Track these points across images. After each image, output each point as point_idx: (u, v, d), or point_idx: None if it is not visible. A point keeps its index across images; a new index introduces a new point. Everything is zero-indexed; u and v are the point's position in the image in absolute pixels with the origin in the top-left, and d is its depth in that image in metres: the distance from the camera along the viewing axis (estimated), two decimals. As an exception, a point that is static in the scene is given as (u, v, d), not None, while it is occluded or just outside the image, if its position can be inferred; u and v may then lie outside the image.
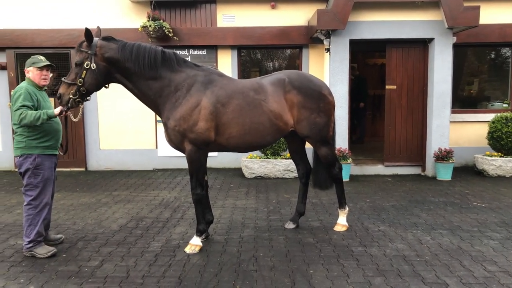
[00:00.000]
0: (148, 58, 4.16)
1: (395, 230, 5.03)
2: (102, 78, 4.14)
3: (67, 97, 4.07)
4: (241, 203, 6.24)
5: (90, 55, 4.05)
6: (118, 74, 4.20)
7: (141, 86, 4.23)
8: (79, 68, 4.08)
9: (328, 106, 4.70)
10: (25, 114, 4.03)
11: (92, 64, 4.05)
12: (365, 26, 7.92)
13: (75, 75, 4.08)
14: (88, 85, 4.10)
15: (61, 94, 4.08)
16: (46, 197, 4.29)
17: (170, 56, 4.30)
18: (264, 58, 9.50)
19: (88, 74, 4.06)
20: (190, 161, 4.31)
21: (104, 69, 4.12)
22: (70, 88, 4.07)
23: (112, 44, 4.16)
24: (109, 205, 6.21)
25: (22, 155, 4.20)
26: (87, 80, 4.07)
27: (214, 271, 3.89)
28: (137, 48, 4.18)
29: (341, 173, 4.98)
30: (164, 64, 4.25)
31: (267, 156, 8.25)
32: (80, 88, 4.07)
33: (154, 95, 4.26)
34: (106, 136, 9.16)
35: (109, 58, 4.11)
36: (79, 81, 4.05)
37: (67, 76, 4.13)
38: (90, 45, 4.07)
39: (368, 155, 9.61)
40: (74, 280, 3.71)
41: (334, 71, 7.99)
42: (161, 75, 4.22)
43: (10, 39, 8.75)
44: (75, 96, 4.07)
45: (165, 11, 8.82)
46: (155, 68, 4.19)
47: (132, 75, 4.19)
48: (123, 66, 4.15)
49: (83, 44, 4.10)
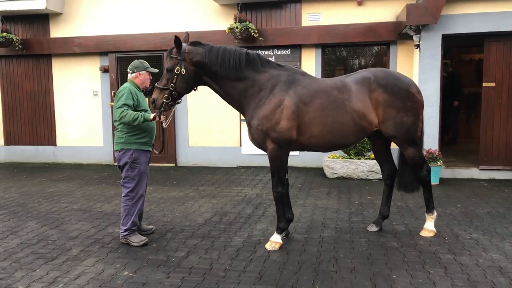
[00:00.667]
0: (233, 61, 4.30)
1: (490, 239, 4.66)
2: (191, 82, 4.36)
3: (160, 101, 4.32)
4: (322, 203, 6.20)
5: (180, 61, 4.27)
6: (206, 77, 4.39)
7: (227, 87, 4.39)
8: (170, 74, 4.31)
9: (416, 105, 4.49)
10: (126, 113, 4.40)
11: (182, 70, 4.27)
12: (460, 20, 7.40)
13: (167, 81, 4.32)
14: (180, 89, 4.33)
15: (155, 99, 4.34)
16: (141, 189, 4.65)
17: (254, 57, 4.40)
18: (350, 56, 9.30)
19: (179, 79, 4.29)
20: (272, 159, 4.38)
21: (193, 73, 4.33)
22: (163, 93, 4.32)
23: (200, 49, 4.35)
24: (195, 199, 6.53)
25: (122, 150, 4.59)
26: (178, 84, 4.30)
27: (293, 269, 3.93)
28: (222, 51, 4.33)
29: (429, 175, 4.73)
30: (248, 65, 4.36)
31: (350, 156, 8.08)
32: (172, 92, 4.30)
33: (239, 95, 4.39)
34: (194, 134, 9.62)
35: (197, 62, 4.31)
36: (171, 86, 4.29)
37: (159, 81, 4.39)
38: (179, 51, 4.28)
39: (461, 158, 8.98)
40: (163, 269, 3.97)
41: (424, 68, 7.59)
42: (246, 76, 4.33)
43: (112, 44, 9.55)
44: (168, 100, 4.32)
45: (251, 12, 9.03)
46: (239, 70, 4.31)
47: (218, 77, 4.36)
48: (210, 69, 4.33)
49: (173, 51, 4.33)
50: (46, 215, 5.77)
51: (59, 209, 6.05)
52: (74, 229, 5.17)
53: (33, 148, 10.33)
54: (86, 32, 9.70)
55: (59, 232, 5.06)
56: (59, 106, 10.13)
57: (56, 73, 10.06)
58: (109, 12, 9.65)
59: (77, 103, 9.98)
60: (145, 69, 4.68)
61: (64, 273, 3.91)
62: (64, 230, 5.13)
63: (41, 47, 9.80)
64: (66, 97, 10.06)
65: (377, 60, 9.06)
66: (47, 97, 10.16)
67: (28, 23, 10.01)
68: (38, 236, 4.92)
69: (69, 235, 4.93)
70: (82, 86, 9.91)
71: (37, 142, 10.34)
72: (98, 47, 9.57)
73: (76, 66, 9.93)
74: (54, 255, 4.33)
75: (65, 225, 5.33)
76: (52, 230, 5.13)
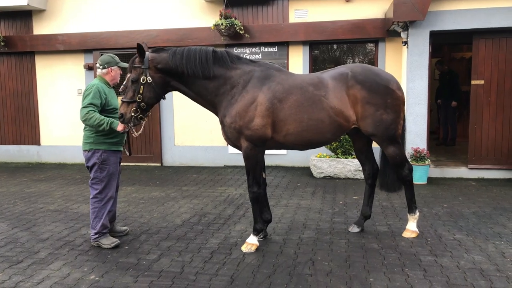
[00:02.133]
0: (199, 59, 4.12)
1: (473, 240, 4.52)
2: (159, 90, 4.16)
3: (129, 116, 4.10)
4: (306, 203, 6.05)
5: (144, 69, 4.07)
6: (174, 81, 4.21)
7: (197, 88, 4.22)
8: (136, 85, 4.10)
9: (396, 101, 4.34)
10: (91, 116, 4.19)
11: (148, 78, 4.06)
12: (448, 16, 7.26)
13: (133, 93, 4.11)
14: (148, 99, 4.12)
15: (123, 114, 4.11)
16: (110, 191, 4.46)
17: (222, 54, 4.23)
18: (338, 54, 9.15)
19: (145, 89, 4.08)
20: (246, 158, 4.23)
21: (160, 80, 4.13)
22: (130, 106, 4.10)
23: (163, 54, 4.16)
24: (176, 200, 6.36)
25: (90, 150, 4.40)
26: (146, 94, 4.09)
27: (267, 272, 3.77)
28: (187, 51, 4.16)
29: (411, 175, 4.58)
30: (217, 63, 4.18)
31: (337, 155, 7.94)
32: (140, 104, 4.09)
33: (211, 95, 4.22)
34: (181, 133, 9.45)
35: (163, 68, 4.12)
36: (138, 97, 4.07)
37: (125, 95, 4.16)
38: (143, 59, 4.09)
39: (451, 157, 8.86)
40: (131, 272, 3.81)
41: (412, 65, 7.45)
42: (216, 74, 4.17)
43: (96, 42, 9.36)
44: (136, 113, 4.10)
45: (237, 8, 8.87)
46: (207, 68, 4.14)
47: (187, 79, 4.18)
48: (177, 72, 4.15)
49: (135, 60, 4.13)
50: (19, 216, 5.59)
51: (34, 210, 5.87)
52: (46, 230, 5.00)
53: (17, 147, 10.14)
54: (70, 29, 9.51)
55: (29, 234, 4.88)
56: (43, 105, 9.93)
57: (40, 71, 9.86)
58: (93, 8, 9.46)
59: (61, 102, 9.79)
60: (117, 64, 4.49)
61: (27, 278, 3.74)
62: (35, 232, 4.96)
63: (23, 44, 9.60)
64: (50, 96, 9.87)
65: (366, 58, 8.92)
66: (30, 96, 9.97)
67: (10, 19, 9.80)
68: (6, 238, 4.75)
69: (40, 237, 4.76)
70: (66, 84, 9.72)
71: (20, 142, 10.14)
72: (82, 45, 9.39)
73: (60, 63, 9.74)
74: (20, 259, 4.16)
75: (37, 226, 5.15)
76: (22, 232, 4.96)
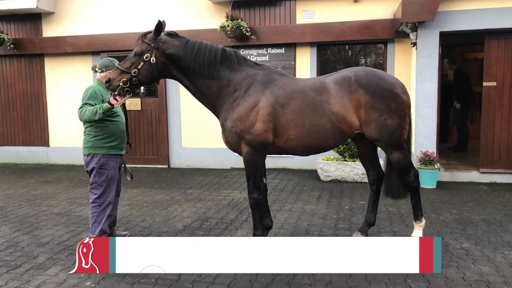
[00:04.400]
0: (208, 56, 4.04)
1: (481, 249, 4.37)
2: (157, 73, 4.04)
3: (116, 83, 3.92)
4: (310, 208, 5.94)
5: (152, 48, 3.98)
6: (177, 71, 4.11)
7: (200, 85, 4.13)
8: (137, 58, 3.98)
9: (401, 106, 4.20)
10: (84, 110, 4.15)
11: (152, 58, 3.96)
12: (459, 16, 7.08)
13: (131, 64, 3.98)
14: (142, 77, 3.98)
15: (111, 79, 3.93)
16: (109, 196, 4.41)
17: (231, 54, 4.16)
18: (346, 55, 9.02)
19: (144, 66, 3.96)
20: (247, 163, 4.14)
21: (162, 65, 4.03)
22: (121, 75, 3.95)
23: (176, 41, 4.08)
24: (180, 203, 6.31)
25: (89, 155, 4.38)
26: (142, 72, 3.97)
27: (265, 282, 3.69)
28: (198, 45, 4.08)
29: (417, 181, 4.44)
30: (224, 62, 4.10)
31: (344, 159, 7.81)
32: (132, 78, 3.95)
33: (213, 95, 4.14)
34: (188, 135, 9.41)
35: (170, 54, 4.03)
36: (134, 71, 3.94)
37: (122, 62, 4.04)
38: (156, 38, 4.00)
39: (462, 160, 8.65)
40: (128, 279, 3.76)
41: (421, 67, 7.28)
42: (220, 74, 4.09)
43: (104, 43, 9.38)
44: (125, 85, 3.94)
45: (244, 10, 8.79)
46: (213, 66, 4.06)
47: (191, 73, 4.09)
48: (183, 64, 4.05)
49: (147, 36, 4.03)
50: (22, 219, 5.60)
51: (38, 213, 5.88)
52: (47, 234, 4.99)
53: (26, 149, 10.22)
54: (78, 31, 9.55)
55: (30, 238, 4.88)
56: (52, 106, 9.99)
57: (49, 72, 9.93)
58: (101, 10, 9.48)
59: (69, 103, 9.82)
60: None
61: (24, 283, 3.72)
62: (36, 235, 4.95)
63: (33, 46, 9.67)
64: (58, 97, 9.93)
65: (375, 59, 8.77)
66: (39, 97, 10.04)
67: (20, 22, 9.89)
68: (7, 242, 4.75)
69: (40, 241, 4.75)
70: (75, 86, 9.75)
71: (30, 143, 10.22)
72: (90, 47, 9.42)
73: (68, 65, 9.79)
74: (18, 263, 4.15)
75: (39, 230, 5.15)
76: (24, 235, 4.95)
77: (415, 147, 7.42)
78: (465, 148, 9.79)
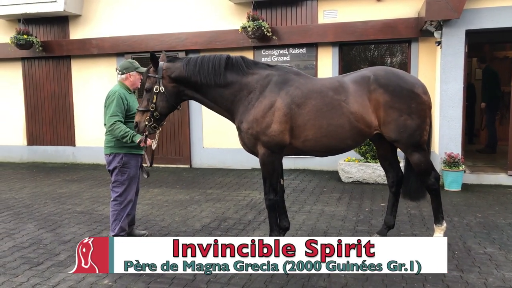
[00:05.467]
0: (212, 67, 4.07)
1: (505, 254, 4.22)
2: (172, 99, 4.13)
3: (143, 124, 4.11)
4: (330, 210, 5.88)
5: (158, 79, 4.07)
6: (188, 90, 4.17)
7: (212, 95, 4.16)
8: (149, 94, 4.10)
9: (421, 106, 4.11)
10: (117, 127, 4.27)
11: (161, 88, 4.06)
12: (485, 14, 6.87)
13: (147, 102, 4.11)
14: (161, 108, 4.10)
15: (137, 122, 4.12)
16: (130, 194, 4.50)
17: (237, 60, 4.15)
18: (368, 54, 8.88)
19: (159, 98, 4.07)
20: (263, 164, 4.14)
21: (173, 90, 4.11)
22: (144, 115, 4.11)
23: (177, 63, 4.15)
24: (199, 203, 6.36)
25: (111, 154, 4.46)
26: (159, 104, 4.08)
27: (280, 283, 3.67)
28: (200, 60, 4.13)
29: (437, 183, 4.33)
30: (231, 69, 4.11)
31: (366, 160, 7.69)
32: (154, 114, 4.09)
33: (227, 102, 4.16)
34: (209, 135, 9.47)
35: (176, 78, 4.10)
36: (152, 106, 4.07)
37: (140, 104, 4.20)
38: (157, 69, 4.09)
39: (490, 162, 8.39)
40: (144, 278, 3.81)
41: (446, 66, 7.10)
42: (229, 81, 4.09)
43: (128, 45, 9.55)
44: (150, 122, 4.10)
45: (265, 10, 8.78)
46: (219, 74, 4.07)
47: (201, 87, 4.13)
48: (191, 81, 4.11)
49: (150, 70, 4.14)
50: (47, 217, 5.75)
51: (62, 211, 6.03)
52: (69, 232, 5.11)
53: (54, 148, 10.50)
54: (103, 33, 9.75)
55: (53, 235, 5.00)
56: (78, 107, 10.24)
57: (75, 74, 10.17)
58: (125, 13, 9.65)
59: (94, 104, 10.02)
60: (135, 69, 4.53)
61: (45, 280, 3.82)
62: (59, 233, 5.07)
63: (60, 48, 9.94)
64: (84, 98, 10.16)
65: (398, 59, 8.61)
66: (66, 98, 10.30)
67: (49, 25, 10.17)
68: (31, 239, 4.88)
69: (62, 239, 4.86)
70: (100, 86, 9.95)
71: (57, 143, 10.50)
72: (114, 48, 9.60)
73: (93, 67, 10.01)
74: (40, 260, 4.26)
75: (61, 228, 5.28)
76: (47, 233, 5.09)
77: (440, 148, 7.24)
78: (494, 149, 9.48)
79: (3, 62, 10.51)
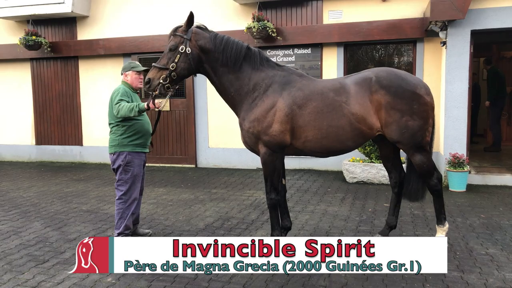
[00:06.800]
0: (235, 50, 4.11)
1: (507, 255, 4.22)
2: (194, 64, 4.09)
3: (156, 82, 4.00)
4: (333, 210, 5.90)
5: (185, 40, 4.06)
6: (207, 64, 4.17)
7: (224, 79, 4.18)
8: (172, 53, 4.05)
9: (424, 107, 4.11)
10: (122, 106, 4.33)
11: (188, 48, 4.04)
12: (491, 14, 6.84)
13: (167, 60, 4.05)
14: (181, 69, 4.05)
15: (151, 79, 4.00)
16: (134, 193, 4.58)
17: (255, 53, 4.21)
18: (373, 55, 8.88)
19: (181, 58, 4.03)
20: (264, 164, 4.18)
21: (197, 56, 4.11)
22: (160, 73, 4.03)
23: (205, 33, 4.18)
24: (204, 203, 6.41)
25: (115, 153, 4.54)
26: (180, 64, 4.03)
27: (280, 282, 3.70)
28: (226, 39, 4.17)
29: (440, 184, 4.34)
30: (248, 60, 4.16)
31: (371, 160, 7.70)
32: (171, 73, 4.02)
33: (235, 92, 4.19)
34: (215, 135, 9.53)
35: (202, 46, 4.10)
36: (172, 66, 4.01)
37: (158, 61, 4.11)
38: (187, 30, 4.09)
39: (496, 162, 8.34)
40: (146, 277, 3.87)
41: (451, 67, 7.08)
42: (243, 71, 4.14)
43: (135, 46, 9.63)
44: (165, 82, 4.01)
45: (271, 11, 8.81)
46: (238, 60, 4.11)
47: (218, 67, 4.15)
48: (213, 56, 4.11)
49: (178, 29, 4.14)
50: (53, 215, 5.84)
51: (68, 210, 6.12)
52: (74, 231, 5.18)
53: (62, 147, 10.62)
54: (110, 34, 9.84)
55: (59, 234, 5.08)
56: (85, 107, 10.35)
57: (83, 74, 10.28)
58: (132, 14, 9.73)
59: (101, 104, 10.11)
60: (131, 68, 4.61)
61: (50, 278, 3.89)
62: (65, 232, 5.15)
63: (68, 49, 10.04)
64: (91, 98, 10.27)
65: (403, 59, 8.59)
66: (74, 98, 10.41)
67: (57, 26, 10.29)
68: (38, 237, 4.97)
69: (68, 237, 4.94)
70: (107, 87, 10.04)
71: (65, 142, 10.62)
72: (121, 49, 9.69)
73: (101, 67, 10.11)
74: (46, 258, 4.33)
75: (67, 226, 5.36)
76: (53, 231, 5.17)
77: (444, 149, 7.23)
78: (498, 148, 9.46)
79: (12, 63, 10.65)
